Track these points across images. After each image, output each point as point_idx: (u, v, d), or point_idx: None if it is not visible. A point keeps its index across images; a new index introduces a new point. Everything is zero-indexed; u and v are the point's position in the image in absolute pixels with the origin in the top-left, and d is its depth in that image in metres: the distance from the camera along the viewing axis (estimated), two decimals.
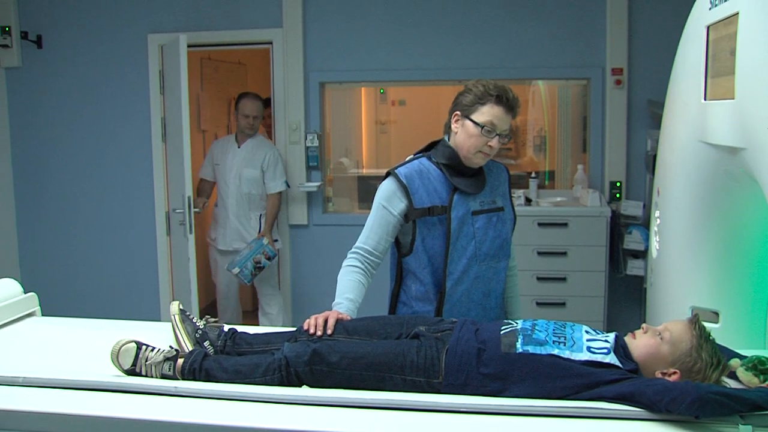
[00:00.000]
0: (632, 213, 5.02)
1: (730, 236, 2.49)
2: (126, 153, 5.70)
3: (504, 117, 2.62)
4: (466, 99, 2.65)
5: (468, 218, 2.67)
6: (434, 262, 2.69)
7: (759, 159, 1.85)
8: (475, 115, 2.62)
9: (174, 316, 2.52)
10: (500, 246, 2.75)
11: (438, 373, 2.13)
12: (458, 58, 5.34)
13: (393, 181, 2.69)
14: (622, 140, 5.22)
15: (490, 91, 2.61)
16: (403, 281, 2.78)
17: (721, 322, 2.56)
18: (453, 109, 2.71)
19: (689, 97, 2.50)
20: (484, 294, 2.74)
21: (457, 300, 2.70)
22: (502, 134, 2.63)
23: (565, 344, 2.12)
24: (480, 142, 2.62)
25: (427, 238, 2.68)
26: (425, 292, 2.71)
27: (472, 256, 2.68)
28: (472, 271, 2.69)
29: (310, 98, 5.54)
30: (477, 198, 2.71)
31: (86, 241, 5.83)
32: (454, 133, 2.69)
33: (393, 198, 2.67)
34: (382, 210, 2.68)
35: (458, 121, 2.68)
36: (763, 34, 1.86)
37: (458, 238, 2.66)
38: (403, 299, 2.78)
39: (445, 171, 2.69)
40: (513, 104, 2.64)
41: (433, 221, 2.67)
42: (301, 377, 2.20)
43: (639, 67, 5.17)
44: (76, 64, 5.69)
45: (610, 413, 1.94)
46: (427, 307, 2.71)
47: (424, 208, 2.66)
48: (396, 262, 2.80)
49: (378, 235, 2.68)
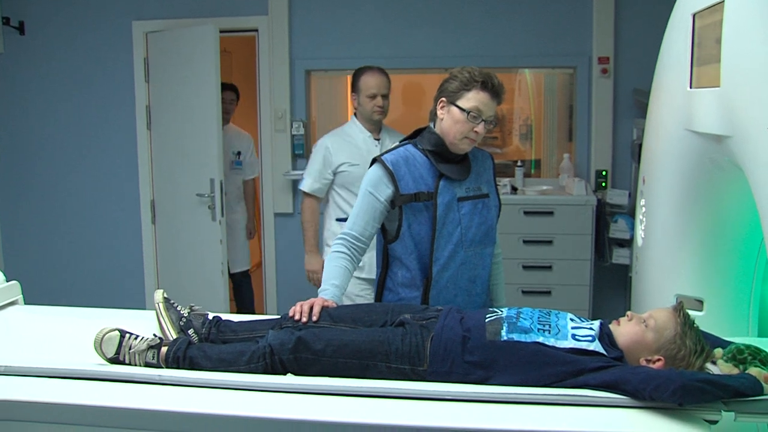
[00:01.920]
0: (618, 202, 5.02)
1: (715, 224, 2.50)
2: (110, 141, 5.67)
3: (489, 103, 2.64)
4: (452, 85, 2.66)
5: (454, 204, 2.68)
6: (420, 248, 2.69)
7: (744, 147, 1.85)
8: (461, 102, 2.63)
9: (158, 304, 2.52)
10: (486, 232, 2.76)
11: (423, 361, 2.14)
12: (444, 47, 5.33)
13: (379, 168, 2.70)
14: (608, 129, 5.23)
15: (475, 78, 2.63)
16: (390, 268, 2.78)
17: (705, 310, 2.57)
18: (438, 95, 2.72)
19: (675, 85, 2.50)
20: (469, 280, 2.76)
21: (443, 286, 2.71)
22: (487, 120, 2.65)
23: (549, 332, 2.13)
24: (466, 127, 2.63)
25: (413, 224, 2.68)
26: (411, 278, 2.72)
27: (458, 242, 2.69)
28: (458, 257, 2.70)
29: (296, 86, 5.52)
30: (462, 184, 2.72)
31: (70, 229, 5.80)
32: (440, 120, 2.70)
33: (379, 184, 2.68)
34: (369, 196, 2.69)
35: (444, 107, 2.68)
36: (748, 22, 1.86)
37: (444, 224, 2.67)
38: (390, 286, 2.78)
39: (431, 157, 2.70)
40: (498, 90, 2.66)
41: (419, 207, 2.67)
42: (285, 365, 2.19)
43: (625, 56, 5.17)
44: (59, 51, 5.64)
45: (595, 401, 1.95)
46: (413, 293, 2.71)
47: (410, 194, 2.66)
48: (382, 248, 2.81)
49: (364, 221, 2.68)
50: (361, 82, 3.95)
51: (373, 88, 3.90)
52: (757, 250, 2.48)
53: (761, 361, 2.10)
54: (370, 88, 3.91)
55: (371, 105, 3.91)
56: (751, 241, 2.45)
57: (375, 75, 3.93)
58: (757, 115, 1.78)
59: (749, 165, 1.82)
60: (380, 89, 3.92)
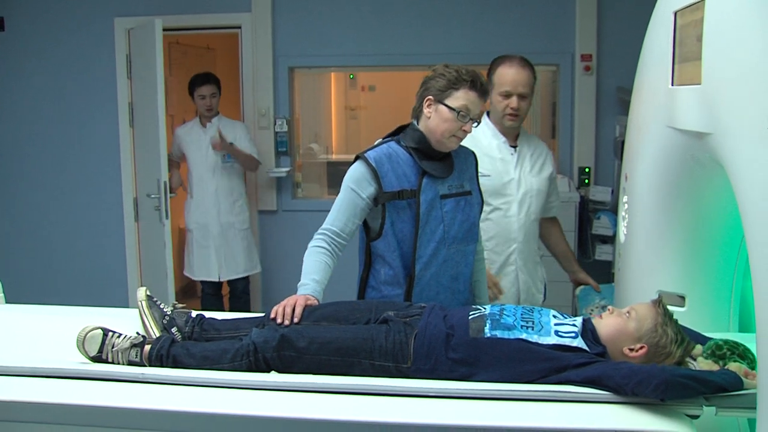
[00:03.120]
0: (601, 198, 5.05)
1: (696, 221, 2.51)
2: (93, 138, 5.64)
3: (477, 102, 2.66)
4: (439, 84, 2.65)
5: (437, 202, 2.68)
6: (403, 245, 2.69)
7: (724, 144, 1.86)
8: (450, 100, 2.63)
9: (141, 302, 2.51)
10: (468, 229, 2.77)
11: (407, 358, 2.14)
12: (428, 44, 5.34)
13: (362, 165, 2.69)
14: (591, 126, 5.25)
15: (463, 77, 2.63)
16: (372, 265, 2.78)
17: (687, 306, 2.58)
18: (423, 93, 2.70)
19: (657, 82, 2.51)
20: (452, 277, 2.76)
21: (426, 284, 2.70)
22: (473, 118, 2.66)
23: (533, 329, 2.14)
24: (455, 126, 2.63)
25: (396, 221, 2.68)
26: (394, 275, 2.71)
27: (440, 240, 2.69)
28: (441, 254, 2.70)
29: (279, 83, 5.51)
30: (445, 182, 2.72)
31: (52, 227, 5.76)
32: (427, 118, 2.69)
33: (362, 181, 2.66)
34: (351, 192, 2.67)
35: (431, 105, 2.67)
36: (728, 20, 1.87)
37: (427, 221, 2.67)
38: (372, 284, 2.77)
39: (414, 155, 2.70)
40: (486, 89, 2.69)
41: (402, 205, 2.67)
42: (269, 363, 2.19)
43: (608, 53, 5.19)
44: (40, 48, 5.60)
45: (578, 396, 1.96)
46: (396, 290, 2.71)
47: (393, 191, 2.66)
48: (365, 246, 2.80)
49: (345, 216, 2.67)
50: (495, 75, 3.30)
51: (507, 85, 3.25)
52: (738, 247, 2.49)
53: (740, 356, 2.13)
54: (504, 84, 3.26)
55: (503, 105, 3.27)
56: (732, 237, 2.47)
57: (514, 67, 3.27)
58: (737, 111, 1.79)
59: (730, 162, 1.83)
60: (517, 86, 3.25)
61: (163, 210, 4.88)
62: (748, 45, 1.76)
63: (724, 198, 2.25)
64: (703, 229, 2.51)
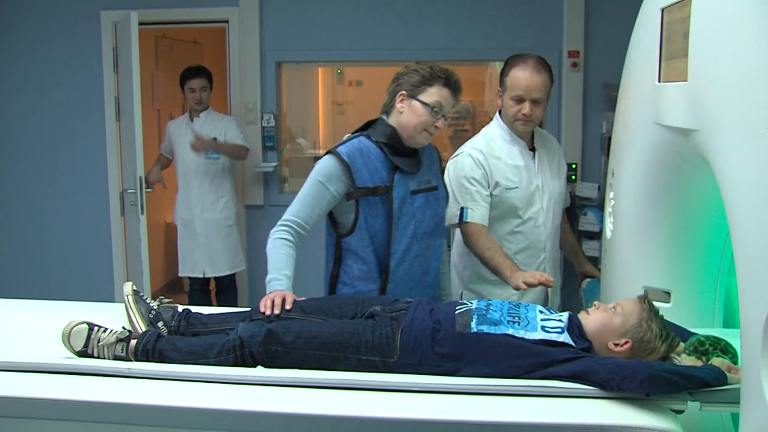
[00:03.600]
0: (587, 195, 5.06)
1: (682, 217, 2.52)
2: (79, 132, 5.59)
3: (450, 99, 2.72)
4: (412, 79, 2.70)
5: (408, 198, 2.72)
6: (376, 241, 2.72)
7: (710, 140, 1.86)
8: (423, 96, 2.68)
9: (127, 297, 2.50)
10: (436, 224, 2.83)
11: (393, 353, 2.14)
12: (416, 39, 5.33)
13: (334, 160, 2.70)
14: (578, 122, 5.25)
15: (437, 74, 2.69)
16: (343, 261, 2.79)
17: (672, 302, 2.60)
18: (396, 89, 2.74)
19: (643, 79, 2.51)
20: (423, 272, 2.81)
21: (400, 278, 2.74)
22: (445, 115, 2.72)
23: (519, 324, 2.15)
24: (428, 121, 2.68)
25: (369, 217, 2.70)
26: (368, 271, 2.73)
27: (412, 236, 2.74)
28: (413, 249, 2.75)
29: (267, 78, 5.49)
30: (415, 177, 2.76)
31: (38, 221, 5.72)
32: (399, 113, 2.72)
33: (332, 176, 2.68)
34: (319, 185, 2.68)
35: (404, 101, 2.71)
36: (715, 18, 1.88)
37: (400, 217, 2.70)
38: (344, 279, 2.79)
39: (385, 150, 2.72)
40: (458, 87, 2.75)
41: (375, 201, 2.69)
42: (255, 357, 2.19)
43: (595, 49, 5.19)
44: (25, 41, 5.55)
45: (564, 392, 1.97)
46: (370, 286, 2.73)
47: (368, 187, 2.68)
48: (334, 242, 2.80)
49: (311, 209, 2.68)
50: (508, 77, 3.06)
51: (520, 89, 3.02)
52: (723, 243, 2.50)
53: (722, 351, 2.14)
54: (516, 88, 3.02)
55: (515, 110, 3.04)
56: (717, 233, 2.48)
57: (528, 69, 3.01)
58: (723, 108, 1.80)
59: (715, 158, 1.84)
60: (531, 92, 3.01)
61: (138, 205, 4.86)
62: (734, 42, 1.76)
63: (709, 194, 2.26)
64: (689, 225, 2.52)
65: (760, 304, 1.59)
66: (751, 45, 1.67)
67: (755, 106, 1.63)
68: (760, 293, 1.60)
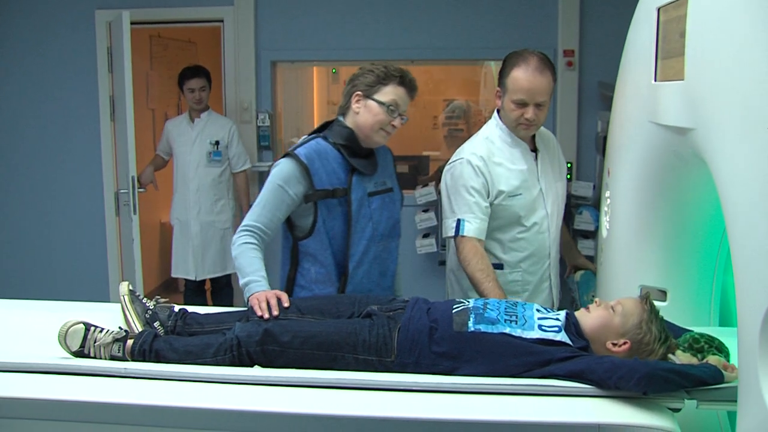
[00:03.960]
0: (583, 194, 5.06)
1: (678, 216, 2.52)
2: (74, 132, 5.58)
3: (406, 97, 2.72)
4: (368, 79, 2.71)
5: (365, 200, 2.73)
6: (334, 244, 2.72)
7: (707, 139, 1.87)
8: (379, 95, 2.69)
9: (123, 297, 2.50)
10: (392, 226, 2.84)
11: (390, 352, 2.14)
12: (410, 39, 5.32)
13: (293, 163, 2.68)
14: (573, 121, 5.25)
15: (392, 73, 2.70)
16: (300, 264, 2.77)
17: (668, 301, 2.60)
18: (351, 90, 2.75)
19: (640, 78, 2.51)
20: (380, 274, 2.82)
21: (359, 281, 2.75)
22: (402, 114, 2.72)
23: (516, 323, 2.15)
24: (385, 119, 2.69)
25: (327, 219, 2.70)
26: (326, 274, 2.73)
27: (370, 238, 2.74)
28: (371, 252, 2.75)
29: (262, 77, 5.48)
30: (371, 179, 2.77)
31: (33, 221, 5.70)
32: (355, 113, 2.73)
33: (291, 179, 2.66)
34: (279, 189, 2.66)
35: (360, 101, 2.72)
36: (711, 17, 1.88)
37: (358, 219, 2.70)
38: (301, 283, 2.77)
39: (343, 151, 2.73)
40: (414, 85, 2.74)
41: (333, 203, 2.69)
42: (252, 357, 2.19)
43: (590, 49, 5.19)
44: (19, 40, 5.53)
45: (561, 390, 1.97)
46: (328, 289, 2.73)
47: (327, 189, 2.68)
48: (290, 246, 2.78)
49: (272, 213, 2.67)
50: (508, 78, 2.87)
51: (522, 93, 2.83)
52: (719, 242, 2.51)
53: (717, 349, 2.15)
54: (517, 92, 2.84)
55: (517, 115, 2.88)
56: (713, 232, 2.49)
57: (530, 70, 2.81)
58: (720, 107, 1.80)
59: (712, 157, 1.84)
60: (534, 96, 2.83)
61: (131, 205, 4.84)
62: (731, 41, 1.77)
63: (705, 193, 2.27)
64: (685, 224, 2.53)
65: (757, 302, 1.59)
66: (748, 44, 1.68)
67: (752, 105, 1.63)
68: (758, 291, 1.60)
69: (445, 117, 6.86)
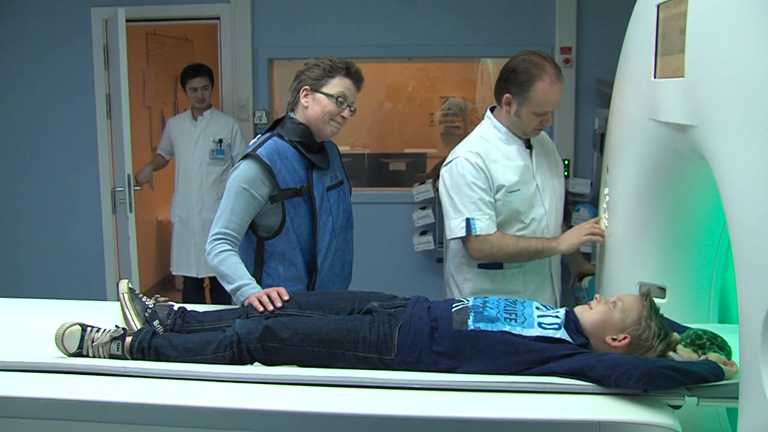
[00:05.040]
0: (580, 191, 5.06)
1: (678, 213, 2.52)
2: (70, 130, 5.55)
3: (353, 88, 2.77)
4: (314, 74, 2.74)
5: (325, 195, 2.78)
6: (302, 241, 2.73)
7: (708, 136, 1.86)
8: (326, 88, 2.72)
9: (123, 295, 2.49)
10: (347, 218, 2.91)
11: (391, 350, 2.14)
12: (407, 36, 5.31)
13: (255, 164, 2.66)
14: (570, 119, 5.25)
15: (338, 65, 2.74)
16: (266, 263, 2.76)
17: (667, 298, 2.60)
18: (298, 85, 2.78)
19: (639, 75, 2.51)
20: (342, 265, 2.88)
21: (325, 275, 2.79)
22: (350, 106, 2.76)
23: (516, 321, 2.15)
24: (335, 110, 2.72)
25: (294, 218, 2.70)
26: (296, 272, 2.74)
27: (331, 232, 2.79)
28: (333, 245, 2.80)
29: (259, 75, 5.46)
30: (327, 174, 2.81)
31: (29, 219, 5.68)
32: (304, 108, 2.75)
33: (255, 180, 2.65)
34: (244, 192, 2.65)
35: (308, 95, 2.74)
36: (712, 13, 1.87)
37: (320, 215, 2.73)
38: (269, 282, 2.73)
39: (300, 148, 2.74)
40: (360, 77, 2.79)
41: (298, 201, 2.70)
42: (252, 354, 2.19)
43: (587, 46, 5.18)
44: (15, 38, 5.50)
45: (562, 388, 1.97)
46: (297, 286, 2.72)
47: (293, 188, 2.69)
48: (253, 246, 2.77)
49: (240, 218, 2.66)
50: (533, 92, 2.82)
51: (550, 106, 2.87)
52: (718, 239, 2.50)
53: (719, 347, 2.15)
54: (544, 104, 2.85)
55: (536, 123, 2.89)
56: (712, 229, 2.48)
57: (553, 83, 2.84)
58: (721, 104, 1.79)
59: (713, 154, 1.84)
60: (557, 104, 2.91)
61: (127, 203, 4.83)
62: (731, 37, 1.76)
63: (704, 190, 2.27)
64: (684, 221, 2.52)
65: (759, 299, 1.59)
66: (749, 40, 1.67)
67: (754, 102, 1.63)
68: (759, 288, 1.59)
69: (441, 114, 6.84)
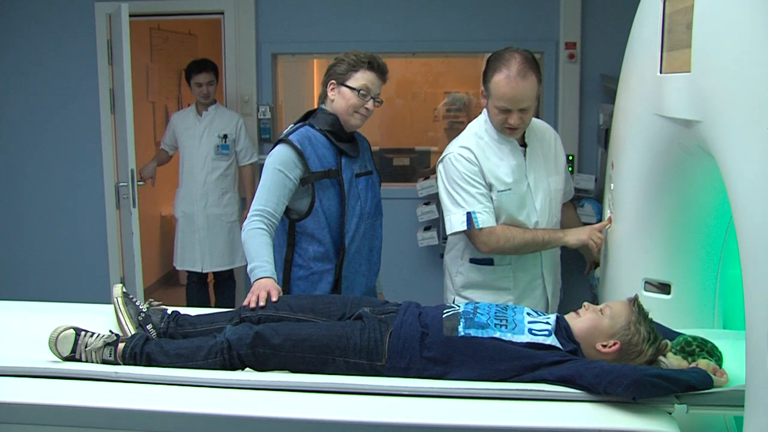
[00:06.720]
0: (585, 186, 5.04)
1: (683, 209, 2.51)
2: (74, 125, 5.54)
3: (376, 81, 2.89)
4: (340, 68, 2.89)
5: (354, 180, 2.92)
6: (331, 222, 2.87)
7: (714, 132, 1.84)
8: (350, 81, 2.86)
9: (116, 299, 2.50)
10: (376, 205, 3.03)
11: (381, 356, 2.13)
12: (411, 31, 5.29)
13: (287, 148, 2.83)
14: (575, 114, 5.22)
15: (362, 59, 2.87)
16: (297, 245, 2.91)
17: (672, 294, 2.59)
18: (327, 79, 2.93)
19: (645, 70, 2.49)
20: (369, 249, 3.01)
21: (353, 256, 2.92)
22: (375, 98, 2.89)
23: (506, 327, 2.15)
24: (358, 103, 2.86)
25: (323, 199, 2.85)
26: (325, 251, 2.88)
27: (359, 216, 2.92)
28: (361, 229, 2.93)
29: (262, 70, 5.44)
30: (356, 162, 2.96)
31: (33, 214, 5.67)
32: (331, 101, 2.91)
33: (289, 163, 2.81)
34: (279, 173, 2.80)
35: (334, 89, 2.90)
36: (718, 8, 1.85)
37: (348, 198, 2.86)
38: (299, 262, 2.91)
39: (329, 136, 2.89)
40: (384, 69, 2.92)
41: (327, 184, 2.85)
42: (243, 360, 2.18)
43: (592, 41, 5.16)
44: (19, 33, 5.48)
45: (551, 395, 1.97)
46: (326, 265, 2.89)
47: (322, 171, 2.83)
48: (286, 228, 2.90)
49: (277, 197, 2.78)
50: (491, 83, 2.76)
51: (505, 101, 2.75)
52: (723, 235, 2.50)
53: (708, 353, 2.16)
54: (502, 99, 2.75)
55: (500, 120, 2.82)
56: (718, 225, 2.48)
57: (512, 76, 2.71)
58: (727, 99, 1.77)
59: (719, 150, 1.82)
60: (518, 103, 2.75)
61: (130, 198, 4.83)
62: (738, 33, 1.74)
63: (711, 186, 2.27)
64: (689, 216, 2.52)
65: (766, 299, 1.56)
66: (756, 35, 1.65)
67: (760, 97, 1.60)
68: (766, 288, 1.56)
69: (445, 109, 6.81)
